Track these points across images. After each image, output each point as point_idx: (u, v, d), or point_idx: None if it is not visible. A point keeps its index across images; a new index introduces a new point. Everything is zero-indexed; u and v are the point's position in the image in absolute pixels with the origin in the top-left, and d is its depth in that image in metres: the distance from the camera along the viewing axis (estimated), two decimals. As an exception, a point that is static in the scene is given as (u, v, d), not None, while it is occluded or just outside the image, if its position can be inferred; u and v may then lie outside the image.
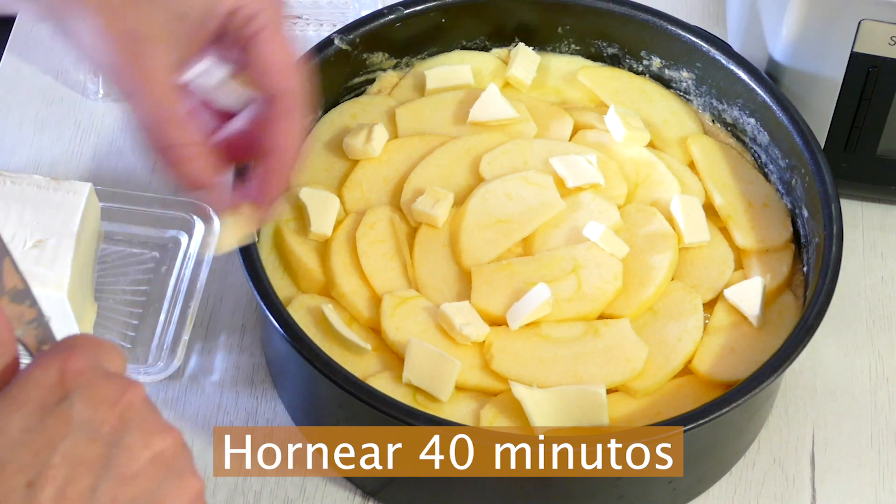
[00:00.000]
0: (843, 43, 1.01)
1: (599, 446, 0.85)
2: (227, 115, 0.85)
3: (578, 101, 1.07)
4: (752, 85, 1.01)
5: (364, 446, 0.93)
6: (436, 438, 0.85)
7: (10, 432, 0.61)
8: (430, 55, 1.07)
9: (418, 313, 0.94)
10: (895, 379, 1.02)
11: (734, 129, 1.05)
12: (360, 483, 0.95)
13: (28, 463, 0.61)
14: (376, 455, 0.93)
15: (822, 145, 1.06)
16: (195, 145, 0.80)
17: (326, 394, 0.91)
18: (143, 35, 0.77)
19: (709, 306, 0.96)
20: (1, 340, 0.63)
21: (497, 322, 0.94)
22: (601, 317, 0.95)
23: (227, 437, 0.97)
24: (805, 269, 0.98)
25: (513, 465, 0.89)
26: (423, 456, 0.91)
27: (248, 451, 0.97)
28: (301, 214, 0.98)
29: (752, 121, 1.03)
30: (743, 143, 1.04)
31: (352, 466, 0.95)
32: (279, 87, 0.82)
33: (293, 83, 0.82)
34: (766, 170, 1.03)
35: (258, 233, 0.93)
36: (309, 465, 0.96)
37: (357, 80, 1.05)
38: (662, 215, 0.99)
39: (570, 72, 1.08)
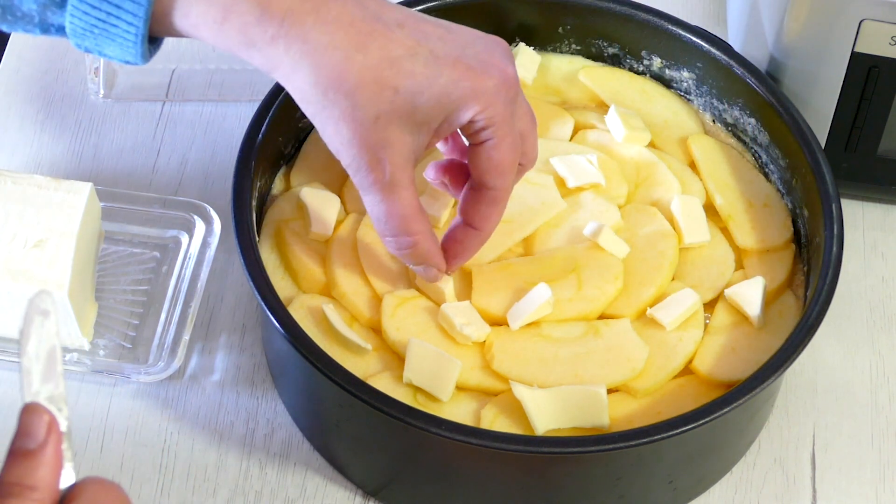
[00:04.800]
0: (843, 43, 1.01)
1: (599, 446, 0.85)
2: None
3: (579, 101, 1.07)
4: (753, 85, 1.01)
5: (364, 446, 0.93)
6: (436, 438, 0.85)
7: None
8: (431, 55, 1.07)
9: (419, 313, 0.94)
10: (895, 379, 1.02)
11: (735, 129, 1.05)
12: (360, 483, 0.95)
13: None
14: (376, 455, 0.93)
15: (823, 145, 1.06)
16: (430, 234, 0.89)
17: (327, 394, 0.91)
18: (389, 144, 0.83)
19: (709, 306, 0.96)
20: (46, 485, 0.63)
21: (498, 322, 0.94)
22: (602, 317, 0.95)
23: (228, 437, 0.98)
24: (805, 269, 0.98)
25: (513, 466, 0.89)
26: (423, 456, 0.91)
27: (248, 450, 0.97)
28: (302, 214, 0.98)
29: (753, 121, 1.03)
30: (743, 142, 1.04)
31: (352, 466, 0.95)
32: (493, 184, 0.88)
33: (507, 182, 0.89)
34: (766, 170, 1.03)
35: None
36: (309, 465, 0.96)
37: (357, 79, 1.05)
38: (663, 215, 0.99)
39: (571, 72, 1.08)
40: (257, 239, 0.93)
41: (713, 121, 1.06)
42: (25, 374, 0.64)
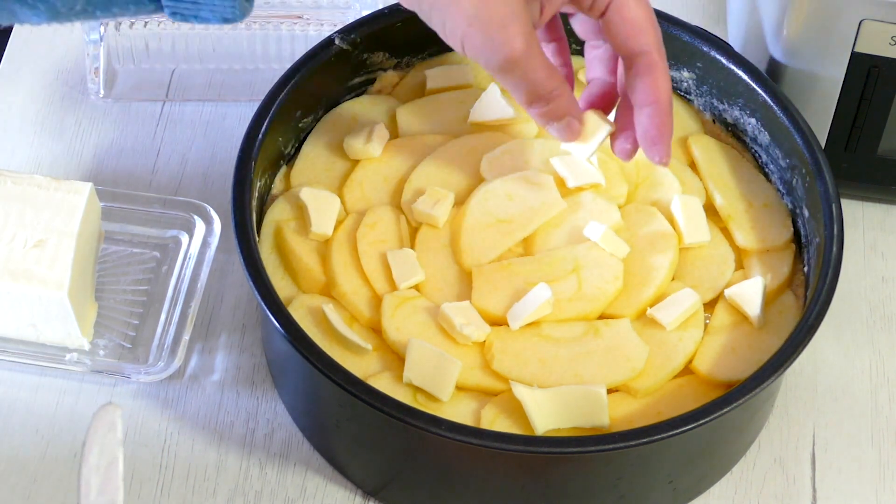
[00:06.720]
0: (843, 43, 1.01)
1: (599, 446, 0.85)
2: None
3: (579, 101, 1.07)
4: (753, 85, 1.01)
5: (364, 446, 0.93)
6: (436, 438, 0.85)
7: None
8: (431, 55, 1.07)
9: (419, 313, 0.94)
10: (895, 379, 1.02)
11: (735, 129, 1.05)
12: (360, 483, 0.95)
13: None
14: (376, 455, 0.93)
15: (823, 145, 1.06)
16: (568, 95, 0.89)
17: (327, 394, 0.91)
18: (510, 13, 0.83)
19: (709, 306, 0.96)
20: None
21: (497, 322, 0.94)
22: (602, 317, 0.95)
23: (228, 437, 0.98)
24: (805, 269, 0.98)
25: (513, 466, 0.89)
26: (423, 456, 0.91)
27: (248, 450, 0.97)
28: (302, 214, 0.98)
29: (753, 121, 1.03)
30: (743, 143, 1.04)
31: (352, 466, 0.95)
32: (640, 47, 0.88)
33: (652, 40, 0.88)
34: (766, 170, 1.03)
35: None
36: (309, 465, 0.96)
37: (358, 79, 1.05)
38: (663, 215, 0.99)
39: (571, 72, 1.08)
40: (257, 239, 0.93)
41: (713, 121, 1.06)
42: (84, 483, 0.65)
